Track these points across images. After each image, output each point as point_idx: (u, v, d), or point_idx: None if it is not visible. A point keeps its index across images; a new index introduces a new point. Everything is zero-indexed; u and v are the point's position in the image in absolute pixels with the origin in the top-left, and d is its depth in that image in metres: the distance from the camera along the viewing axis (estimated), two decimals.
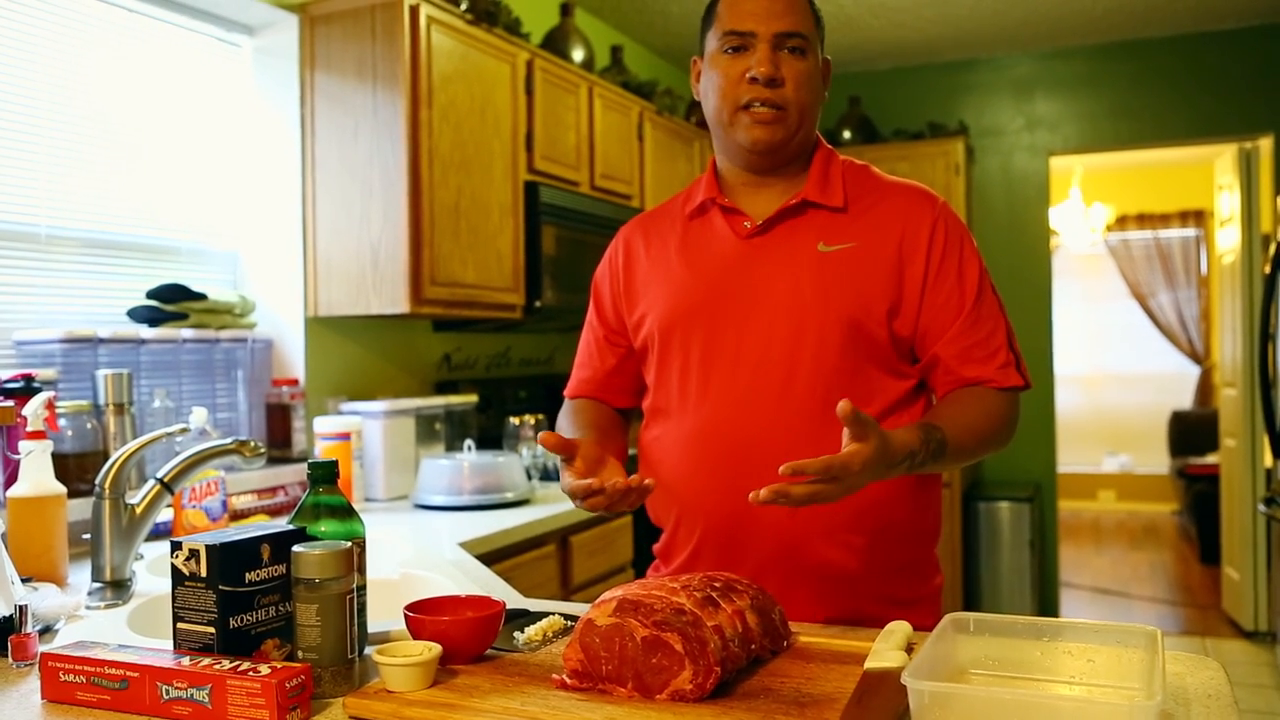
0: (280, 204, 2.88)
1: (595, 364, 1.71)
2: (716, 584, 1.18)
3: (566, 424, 1.67)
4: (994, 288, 1.54)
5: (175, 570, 1.14)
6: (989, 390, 1.48)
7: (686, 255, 1.58)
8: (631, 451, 1.67)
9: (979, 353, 1.48)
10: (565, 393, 1.76)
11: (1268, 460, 4.78)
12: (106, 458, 2.03)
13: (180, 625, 1.14)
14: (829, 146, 1.60)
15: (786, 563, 1.47)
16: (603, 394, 1.71)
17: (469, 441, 2.83)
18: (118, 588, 1.61)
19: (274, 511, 2.50)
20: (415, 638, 1.18)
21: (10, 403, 1.93)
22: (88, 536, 1.63)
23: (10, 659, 1.25)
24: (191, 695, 1.05)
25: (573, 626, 1.29)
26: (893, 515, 1.49)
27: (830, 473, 1.19)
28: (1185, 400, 8.56)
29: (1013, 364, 1.49)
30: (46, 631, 1.41)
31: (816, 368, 1.46)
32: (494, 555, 2.33)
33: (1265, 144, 4.89)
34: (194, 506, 2.16)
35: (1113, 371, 8.80)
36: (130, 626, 1.48)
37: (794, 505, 1.20)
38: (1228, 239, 5.20)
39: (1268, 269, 3.79)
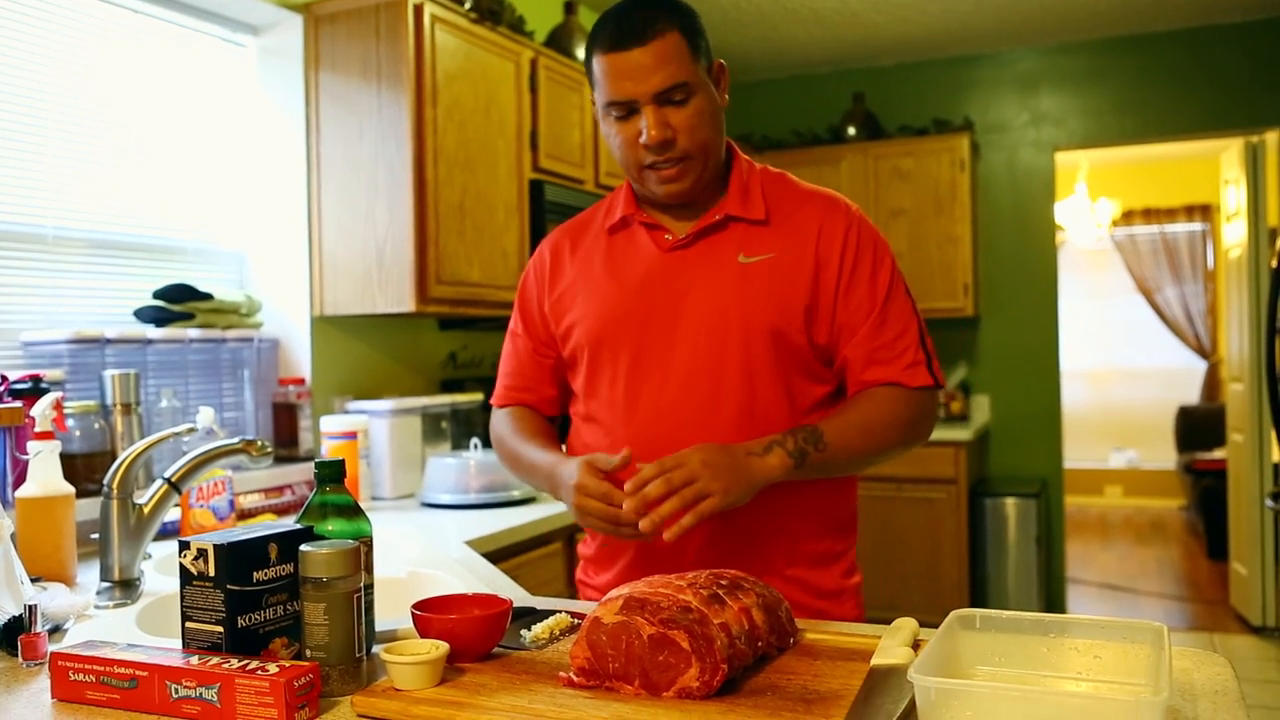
0: (286, 203, 2.89)
1: (526, 374, 1.71)
2: (723, 581, 1.18)
3: (510, 432, 1.68)
4: (907, 291, 1.57)
5: (183, 569, 1.14)
6: (892, 389, 1.52)
7: (611, 267, 1.60)
8: None
9: (885, 354, 1.52)
10: (494, 401, 1.77)
11: (1275, 455, 4.77)
12: (114, 458, 2.03)
13: (189, 624, 1.14)
14: (744, 157, 1.61)
15: (706, 553, 1.52)
16: (534, 403, 1.72)
17: (475, 440, 2.83)
18: (126, 587, 1.61)
19: (281, 510, 2.51)
20: (422, 636, 1.18)
21: (18, 403, 1.94)
22: (96, 536, 1.63)
23: (20, 658, 1.26)
24: (200, 694, 1.05)
25: (579, 624, 1.30)
26: (800, 506, 1.53)
27: (664, 467, 1.33)
28: (1192, 395, 8.54)
29: (922, 363, 1.53)
30: (56, 631, 1.42)
31: (742, 375, 1.50)
32: (501, 553, 2.33)
33: (1271, 138, 4.88)
34: (201, 506, 2.17)
35: (1119, 367, 8.78)
36: (139, 626, 1.48)
37: (678, 520, 1.31)
38: (1234, 233, 5.19)
39: (1274, 263, 3.77)
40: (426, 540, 2.19)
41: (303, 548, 1.13)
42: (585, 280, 1.62)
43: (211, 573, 1.12)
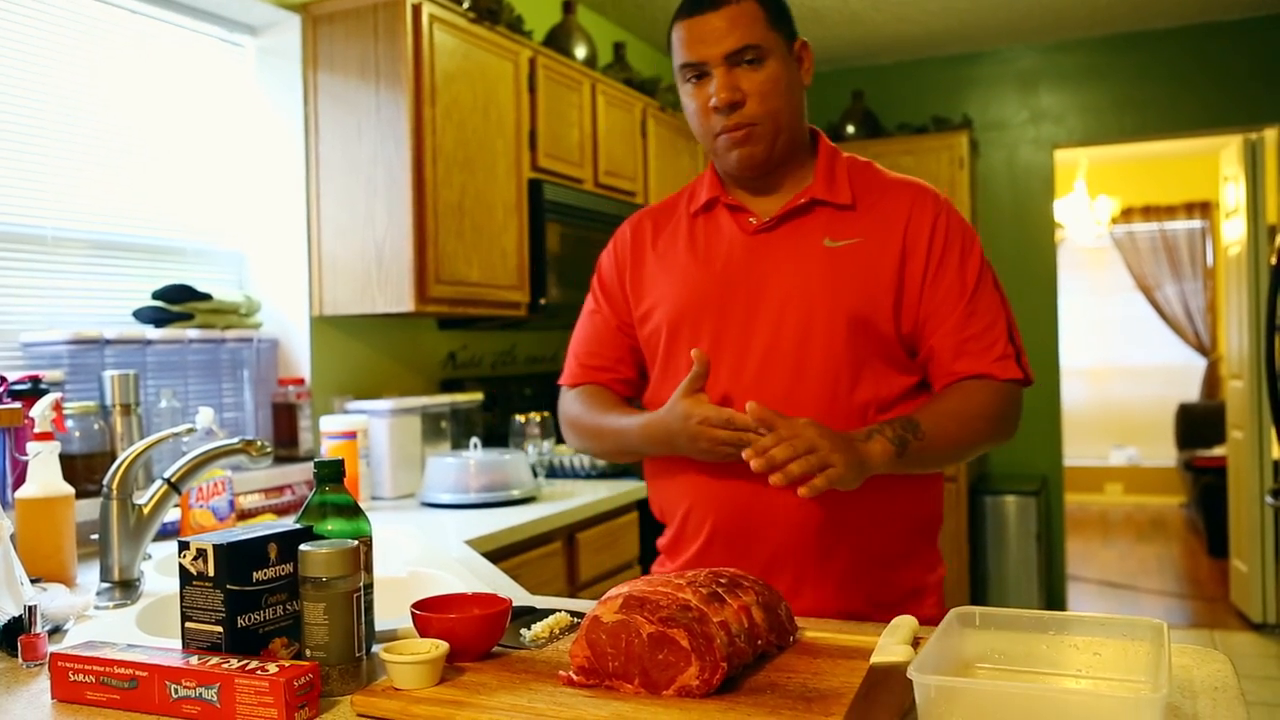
0: (285, 204, 2.89)
1: (606, 351, 1.69)
2: (722, 580, 1.18)
3: (586, 409, 1.65)
4: (997, 282, 1.54)
5: (183, 570, 1.14)
6: (983, 383, 1.48)
7: (694, 250, 1.58)
8: None
9: (974, 346, 1.48)
10: (565, 381, 1.74)
11: (1275, 452, 4.77)
12: (114, 458, 2.03)
13: (188, 624, 1.14)
14: (831, 144, 1.60)
15: (794, 556, 1.48)
16: (608, 382, 1.70)
17: (475, 439, 2.83)
18: (126, 588, 1.61)
19: (281, 511, 2.51)
20: (422, 635, 1.18)
21: (18, 404, 1.94)
22: (96, 537, 1.63)
23: (20, 659, 1.26)
24: (200, 694, 1.05)
25: (579, 623, 1.30)
26: (894, 507, 1.51)
27: (781, 435, 1.30)
28: (1192, 393, 8.54)
29: (1012, 357, 1.49)
30: (56, 631, 1.42)
31: (824, 361, 1.47)
32: (501, 553, 2.33)
33: (1270, 135, 4.88)
34: (201, 506, 2.17)
35: (1119, 364, 8.78)
36: (139, 626, 1.48)
37: (797, 483, 1.28)
38: (1233, 230, 5.18)
39: (1274, 260, 3.78)
40: (426, 540, 2.19)
41: (302, 547, 1.13)
42: (667, 263, 1.60)
43: (211, 573, 1.12)
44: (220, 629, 1.12)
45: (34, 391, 2.00)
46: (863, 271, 1.48)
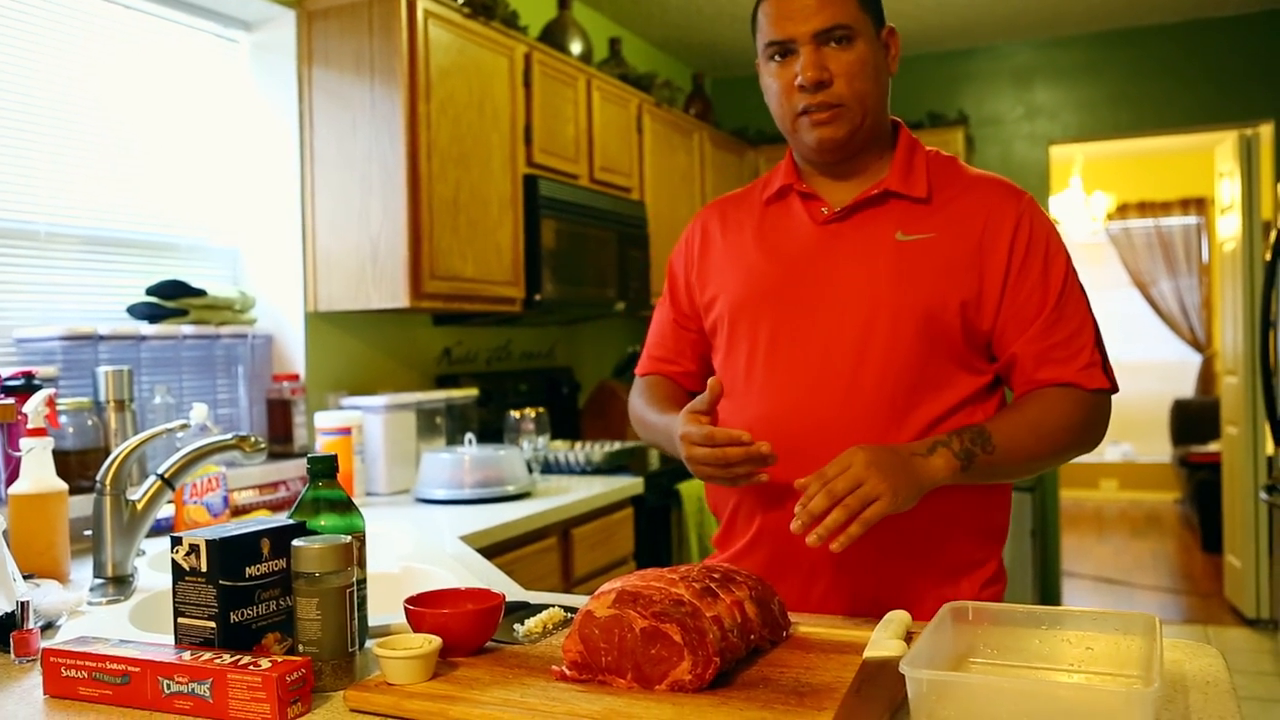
0: (279, 199, 2.88)
1: (668, 345, 1.71)
2: (715, 575, 1.18)
3: (642, 400, 1.68)
4: (1081, 287, 1.49)
5: (175, 565, 1.14)
6: (1065, 390, 1.43)
7: (762, 239, 1.56)
8: None
9: (1059, 353, 1.43)
10: (636, 370, 1.77)
11: (1269, 448, 4.78)
12: (107, 454, 2.02)
13: (181, 620, 1.14)
14: (913, 136, 1.57)
15: (843, 554, 1.38)
16: (673, 374, 1.71)
17: (470, 435, 2.83)
18: (119, 583, 1.61)
19: (275, 507, 2.51)
20: (415, 630, 1.18)
21: (11, 400, 1.94)
22: (89, 533, 1.63)
23: (13, 655, 1.26)
24: (193, 689, 1.05)
25: (572, 618, 1.30)
26: (951, 514, 1.45)
27: (824, 478, 1.26)
28: (1187, 389, 8.56)
29: (1098, 365, 1.44)
30: (49, 627, 1.42)
31: (887, 357, 1.43)
32: (495, 549, 2.33)
33: (1265, 131, 4.88)
34: (196, 502, 2.17)
35: (1114, 360, 8.64)
36: (132, 622, 1.48)
37: (845, 530, 1.24)
38: (1228, 226, 5.19)
39: (1268, 256, 3.78)
40: (421, 536, 2.19)
41: (295, 543, 1.13)
42: (734, 251, 1.58)
43: (204, 568, 1.12)
44: (213, 624, 1.12)
45: (27, 387, 2.00)
46: (933, 268, 1.44)
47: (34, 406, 1.71)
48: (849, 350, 1.44)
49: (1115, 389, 1.47)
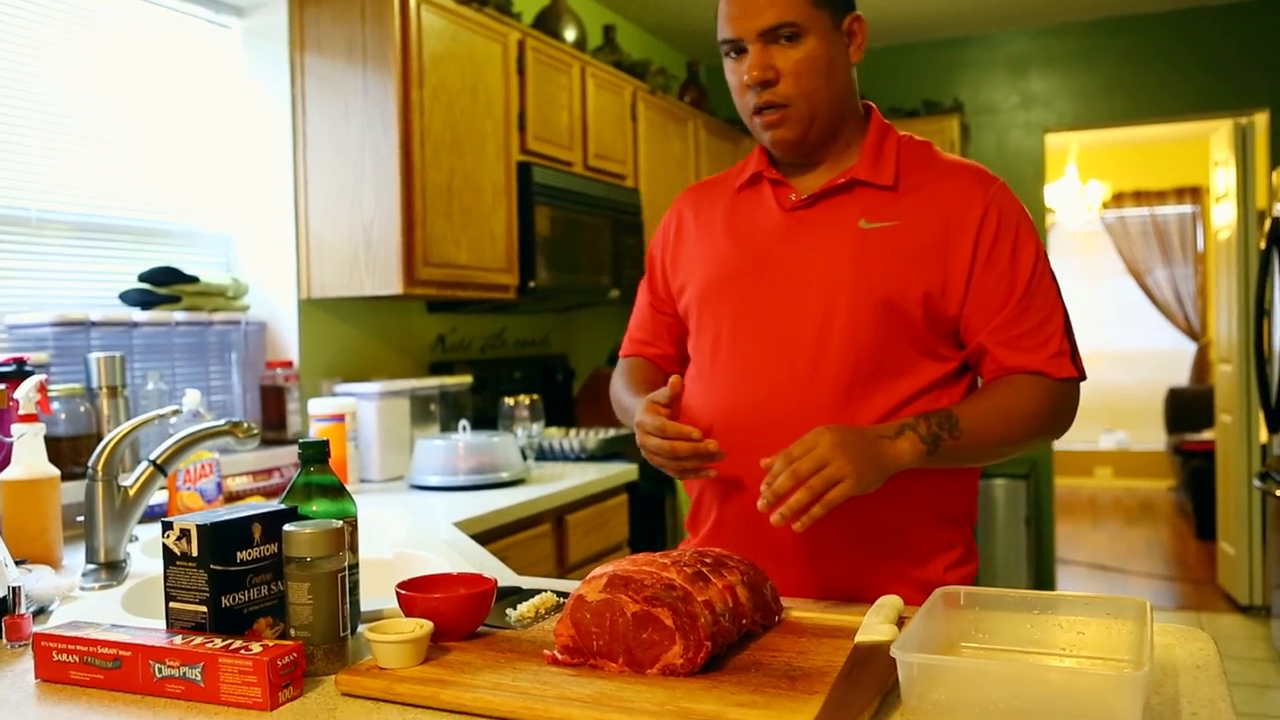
0: (272, 186, 2.87)
1: (647, 328, 1.74)
2: (707, 560, 1.18)
3: (620, 381, 1.72)
4: (1052, 275, 1.48)
5: (167, 550, 1.14)
6: (1033, 378, 1.43)
7: (732, 226, 1.57)
8: None
9: (1027, 342, 1.43)
10: (619, 352, 1.81)
11: (1263, 436, 4.79)
12: (100, 440, 2.02)
13: (172, 604, 1.14)
14: (884, 122, 1.56)
15: (807, 538, 1.43)
16: (652, 356, 1.74)
17: (464, 422, 2.83)
18: (112, 569, 1.61)
19: (269, 493, 2.51)
20: (407, 615, 1.18)
21: (2, 386, 1.93)
22: (82, 519, 1.63)
23: (4, 640, 1.26)
24: (184, 674, 1.05)
25: (564, 603, 1.30)
26: (917, 498, 1.45)
27: (790, 458, 1.27)
28: (1182, 377, 8.58)
29: (1066, 354, 1.44)
30: (41, 613, 1.42)
31: (847, 344, 1.43)
32: (489, 535, 2.33)
33: (1260, 119, 4.88)
34: (189, 488, 2.17)
35: (1109, 349, 8.81)
36: (124, 607, 1.48)
37: (806, 511, 1.25)
38: (1224, 215, 5.20)
39: (1263, 245, 3.79)
40: (414, 522, 2.19)
41: (286, 527, 1.12)
42: (704, 237, 1.60)
43: (195, 553, 1.12)
44: (204, 609, 1.12)
45: (19, 374, 1.99)
46: (895, 256, 1.44)
47: (25, 392, 1.71)
48: (810, 337, 1.45)
49: (1083, 377, 1.47)
